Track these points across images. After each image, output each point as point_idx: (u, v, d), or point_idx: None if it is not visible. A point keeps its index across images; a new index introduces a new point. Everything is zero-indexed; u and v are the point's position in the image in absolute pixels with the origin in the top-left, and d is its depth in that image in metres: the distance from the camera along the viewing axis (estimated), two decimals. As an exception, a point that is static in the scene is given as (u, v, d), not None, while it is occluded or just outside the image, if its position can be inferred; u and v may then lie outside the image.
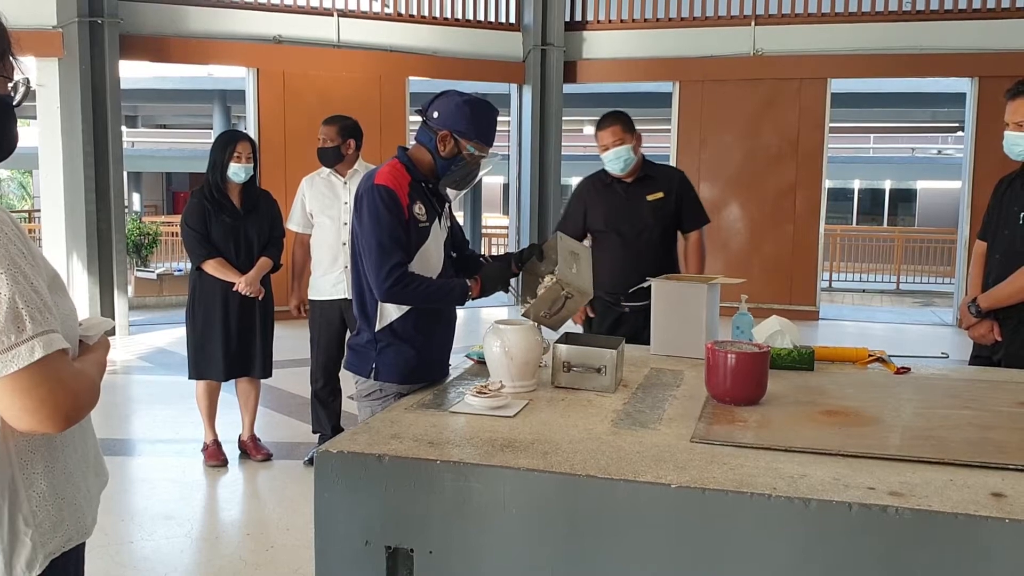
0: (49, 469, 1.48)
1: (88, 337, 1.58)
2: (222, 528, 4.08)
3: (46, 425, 1.34)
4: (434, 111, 2.59)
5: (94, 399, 1.46)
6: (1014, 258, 3.17)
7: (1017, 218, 3.18)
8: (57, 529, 1.48)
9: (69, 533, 1.51)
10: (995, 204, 3.36)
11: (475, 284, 2.62)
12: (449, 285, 2.60)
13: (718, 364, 2.34)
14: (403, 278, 2.49)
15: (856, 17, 9.56)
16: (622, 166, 3.90)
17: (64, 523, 1.50)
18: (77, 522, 1.53)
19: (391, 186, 2.51)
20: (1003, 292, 3.17)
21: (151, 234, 12.44)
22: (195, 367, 4.62)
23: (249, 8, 9.21)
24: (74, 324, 1.54)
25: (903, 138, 26.94)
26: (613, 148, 3.88)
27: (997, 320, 3.22)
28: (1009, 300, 3.16)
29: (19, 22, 7.51)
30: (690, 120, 9.93)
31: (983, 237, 3.42)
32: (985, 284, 3.30)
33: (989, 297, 3.23)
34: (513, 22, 10.36)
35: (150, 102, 22.36)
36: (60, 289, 1.50)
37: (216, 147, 4.50)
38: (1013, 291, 3.14)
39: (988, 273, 3.30)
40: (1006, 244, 3.23)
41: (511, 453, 1.94)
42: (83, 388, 1.41)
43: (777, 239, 9.89)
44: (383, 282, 2.49)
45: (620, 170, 3.91)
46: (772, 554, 1.70)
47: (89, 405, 1.44)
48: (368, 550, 1.92)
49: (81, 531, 1.55)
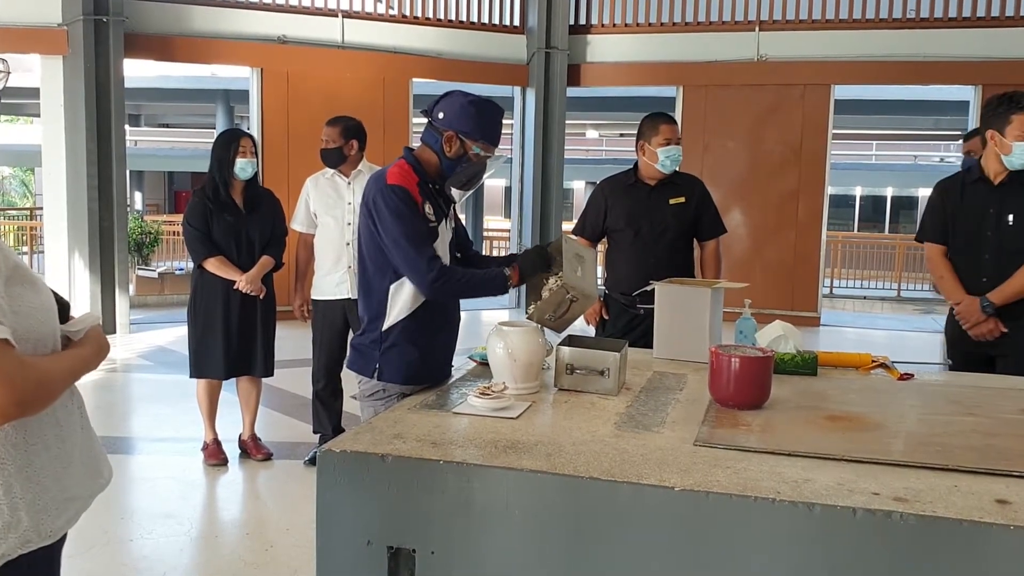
0: (3, 467, 1.43)
1: (73, 333, 1.55)
2: (222, 527, 4.08)
3: None
4: (439, 112, 2.59)
5: (45, 395, 1.40)
6: (1007, 257, 3.44)
7: (1005, 221, 3.45)
8: (11, 530, 1.43)
9: (27, 536, 1.45)
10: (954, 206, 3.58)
11: (514, 272, 2.61)
12: (490, 274, 2.61)
13: (722, 368, 2.33)
14: (444, 271, 2.50)
15: (860, 24, 9.57)
16: (675, 164, 3.94)
17: (20, 525, 1.44)
18: (39, 524, 1.47)
19: (405, 185, 2.51)
20: (1013, 288, 3.41)
21: (153, 233, 12.46)
22: (196, 366, 4.62)
23: (254, 8, 9.23)
24: (45, 318, 1.49)
25: (906, 145, 26.96)
26: (675, 144, 3.92)
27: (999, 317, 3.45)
28: (1019, 295, 3.41)
29: (24, 20, 7.48)
30: (693, 125, 9.93)
31: (936, 239, 3.64)
32: (971, 285, 3.52)
33: (1001, 294, 3.43)
34: (517, 25, 10.38)
35: (153, 101, 22.39)
36: (26, 282, 1.45)
37: (219, 144, 4.50)
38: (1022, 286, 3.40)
39: (976, 274, 3.51)
40: (994, 244, 3.47)
41: (514, 454, 1.93)
42: (28, 382, 1.34)
43: (779, 245, 9.89)
44: (426, 275, 2.48)
45: (670, 168, 3.93)
46: (776, 559, 1.69)
47: (37, 401, 1.38)
48: (370, 550, 1.91)
49: (44, 534, 1.49)
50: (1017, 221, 3.44)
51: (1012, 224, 3.44)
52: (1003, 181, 3.48)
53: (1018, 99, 3.37)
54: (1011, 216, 3.44)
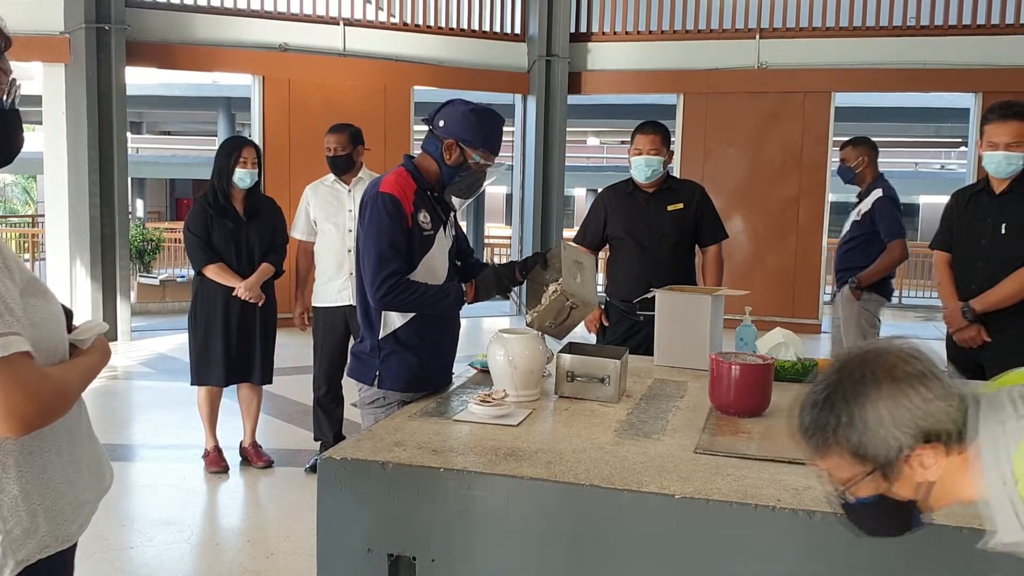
0: (22, 474, 1.45)
1: (81, 342, 1.56)
2: (222, 535, 4.07)
3: (4, 428, 1.32)
4: (440, 120, 2.60)
5: (63, 404, 1.43)
6: (997, 266, 3.47)
7: (999, 230, 3.49)
8: (30, 536, 1.45)
9: (45, 541, 1.48)
10: (959, 217, 3.68)
11: (470, 288, 2.62)
12: (444, 290, 2.60)
13: (722, 375, 2.34)
14: (396, 286, 2.49)
15: (860, 31, 9.59)
16: (648, 174, 3.93)
17: (39, 530, 1.46)
18: (56, 529, 1.50)
19: (395, 194, 2.52)
20: (996, 296, 3.45)
21: (154, 240, 12.45)
22: (196, 373, 4.62)
23: (255, 16, 9.24)
24: (56, 328, 1.51)
25: (906, 153, 26.97)
26: (646, 155, 3.91)
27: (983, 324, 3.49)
28: (1002, 303, 3.44)
29: (27, 27, 7.50)
30: (694, 132, 9.94)
31: (944, 248, 3.73)
32: (965, 292, 3.57)
33: (983, 301, 3.48)
34: (518, 33, 10.39)
35: (155, 108, 22.44)
36: (39, 293, 1.48)
37: (221, 153, 4.51)
38: (1006, 295, 3.43)
39: (970, 281, 3.56)
40: (988, 254, 3.51)
41: (514, 462, 1.93)
42: (48, 392, 1.38)
43: (780, 252, 9.89)
44: (376, 291, 2.50)
45: (644, 178, 3.93)
46: (776, 565, 1.69)
47: (57, 410, 1.41)
48: (370, 557, 1.92)
49: (61, 539, 1.51)
50: (1010, 231, 3.47)
51: (1005, 233, 3.48)
52: (1004, 191, 3.51)
53: (994, 109, 3.45)
54: (1004, 225, 3.48)
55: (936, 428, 1.22)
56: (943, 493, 1.28)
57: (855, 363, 1.27)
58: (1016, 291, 3.41)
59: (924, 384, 1.23)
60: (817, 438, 1.28)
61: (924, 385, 1.23)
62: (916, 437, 1.22)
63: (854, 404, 1.24)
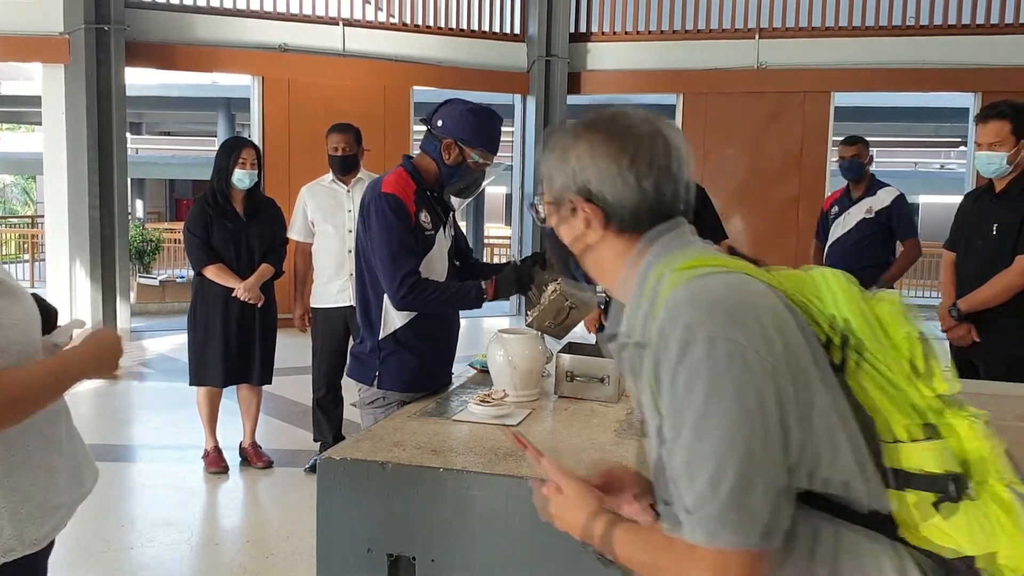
0: None
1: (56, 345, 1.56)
2: (222, 535, 4.07)
3: None
4: (439, 119, 2.60)
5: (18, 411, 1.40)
6: (989, 266, 3.51)
7: (991, 230, 3.53)
8: None
9: (10, 544, 1.46)
10: (964, 217, 3.73)
11: (490, 286, 2.61)
12: (465, 288, 2.60)
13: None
14: (416, 285, 2.49)
15: (860, 31, 9.59)
16: None
17: (2, 533, 1.45)
18: (21, 533, 1.48)
19: (398, 194, 2.52)
20: (981, 296, 3.50)
21: (154, 241, 12.45)
22: (195, 373, 4.62)
23: (255, 16, 9.24)
24: (28, 330, 1.49)
25: (906, 152, 26.97)
26: None
27: (974, 323, 3.53)
28: (987, 303, 3.49)
29: (26, 28, 7.49)
30: (693, 132, 9.93)
31: (951, 247, 3.78)
32: (961, 291, 3.62)
33: (969, 301, 3.53)
34: (518, 33, 10.39)
35: (155, 109, 22.43)
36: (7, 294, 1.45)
37: (221, 153, 4.52)
38: (990, 295, 3.47)
39: (964, 281, 3.61)
40: (981, 254, 3.56)
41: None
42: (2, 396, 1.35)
43: (780, 252, 9.87)
44: (397, 291, 2.49)
45: None
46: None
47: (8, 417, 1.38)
48: (370, 557, 1.92)
49: (28, 542, 1.50)
50: (1000, 231, 3.50)
51: (995, 234, 3.52)
52: (1000, 191, 3.55)
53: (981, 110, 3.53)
54: (995, 226, 3.52)
55: (600, 192, 1.22)
56: (597, 268, 1.30)
57: (605, 111, 1.28)
58: (998, 292, 3.45)
59: (629, 155, 1.21)
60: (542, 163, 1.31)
61: (629, 155, 1.21)
62: (579, 187, 1.23)
63: (569, 135, 1.26)
